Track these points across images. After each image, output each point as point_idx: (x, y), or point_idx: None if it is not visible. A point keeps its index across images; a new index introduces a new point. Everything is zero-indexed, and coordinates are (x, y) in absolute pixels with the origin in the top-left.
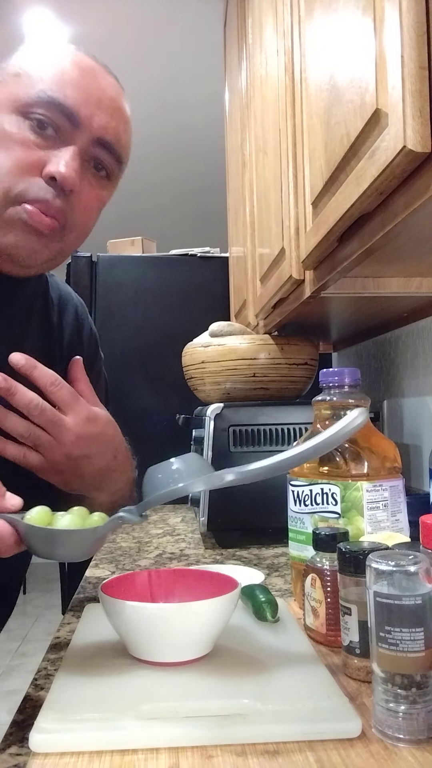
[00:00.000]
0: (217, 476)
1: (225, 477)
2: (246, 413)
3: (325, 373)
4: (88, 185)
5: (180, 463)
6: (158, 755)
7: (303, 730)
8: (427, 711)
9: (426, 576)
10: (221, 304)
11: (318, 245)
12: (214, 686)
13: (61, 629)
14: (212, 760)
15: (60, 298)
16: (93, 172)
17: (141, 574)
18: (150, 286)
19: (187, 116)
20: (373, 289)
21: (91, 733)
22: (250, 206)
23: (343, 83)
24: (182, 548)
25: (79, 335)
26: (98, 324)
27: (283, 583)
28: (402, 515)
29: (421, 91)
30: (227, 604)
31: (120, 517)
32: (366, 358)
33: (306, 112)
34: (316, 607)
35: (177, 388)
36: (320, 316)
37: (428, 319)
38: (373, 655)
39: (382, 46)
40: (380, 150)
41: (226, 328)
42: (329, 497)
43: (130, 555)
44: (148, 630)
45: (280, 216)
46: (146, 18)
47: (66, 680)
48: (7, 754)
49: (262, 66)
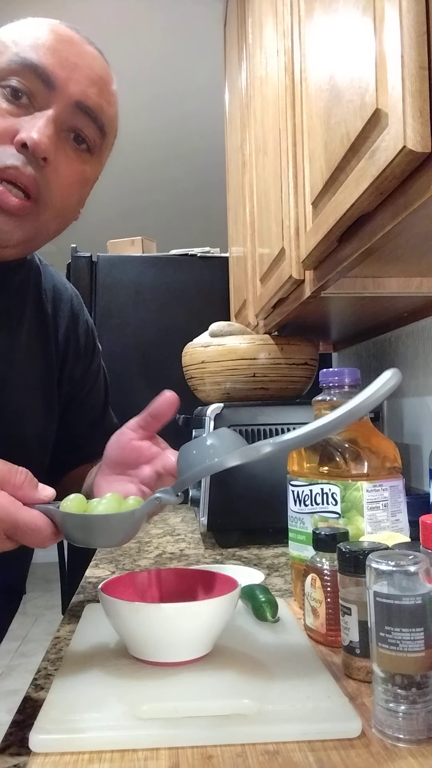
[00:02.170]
0: (254, 448)
1: (262, 449)
2: (246, 413)
3: (325, 373)
4: (65, 158)
5: (214, 439)
6: (158, 755)
7: (303, 730)
8: (427, 711)
9: (426, 576)
10: (221, 304)
11: (318, 245)
12: (214, 686)
13: (61, 629)
14: (212, 760)
15: (54, 288)
16: (72, 145)
17: (141, 574)
18: (150, 286)
19: (187, 116)
20: (373, 289)
21: (91, 733)
22: (250, 206)
23: (343, 83)
24: (182, 548)
25: (75, 327)
26: (98, 324)
27: (283, 583)
28: (402, 515)
29: (421, 91)
30: (227, 604)
31: (157, 498)
32: (366, 358)
33: (306, 112)
34: (316, 607)
35: (177, 388)
36: (320, 316)
37: (428, 319)
38: (373, 655)
39: (382, 46)
40: (380, 150)
41: (226, 328)
42: (329, 497)
43: (130, 555)
44: (148, 630)
45: (280, 216)
46: (146, 17)
47: (66, 680)
48: (7, 754)
49: (262, 66)
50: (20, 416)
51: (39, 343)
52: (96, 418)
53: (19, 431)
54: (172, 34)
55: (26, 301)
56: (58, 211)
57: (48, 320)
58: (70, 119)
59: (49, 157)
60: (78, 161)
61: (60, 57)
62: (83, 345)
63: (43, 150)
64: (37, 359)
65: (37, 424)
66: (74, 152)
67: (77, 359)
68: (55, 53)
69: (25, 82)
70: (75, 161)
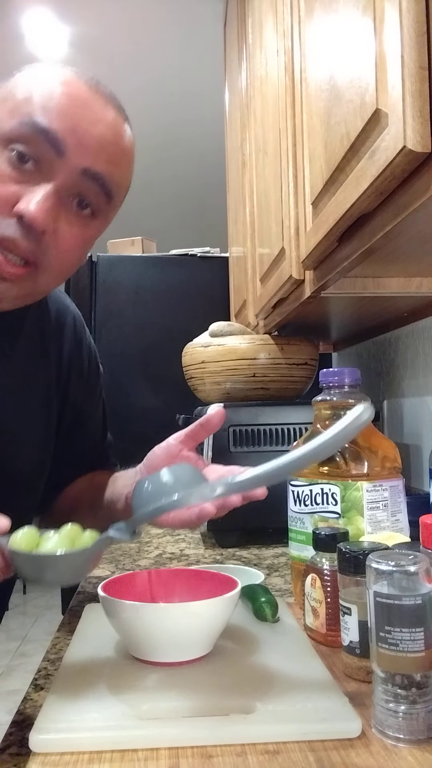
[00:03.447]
0: (209, 488)
1: (216, 489)
2: (246, 413)
3: (325, 373)
4: (66, 224)
5: (170, 475)
6: (158, 755)
7: (303, 730)
8: (427, 711)
9: (426, 576)
10: (221, 304)
11: (318, 245)
12: (214, 686)
13: (61, 629)
14: (212, 760)
15: (57, 312)
16: (75, 210)
17: (141, 574)
18: (150, 286)
19: (187, 116)
20: (373, 289)
21: (91, 733)
22: (250, 206)
23: (343, 83)
24: (182, 548)
25: (79, 350)
26: (98, 324)
27: (283, 583)
28: (402, 515)
29: (421, 91)
30: (227, 604)
31: (109, 537)
32: (366, 358)
33: (306, 112)
34: (316, 607)
35: (177, 388)
36: (320, 316)
37: (428, 319)
38: (373, 655)
39: (382, 46)
40: (380, 150)
41: (226, 328)
42: (329, 497)
43: (130, 555)
44: (148, 630)
45: (280, 216)
46: (146, 17)
47: (66, 680)
48: (7, 754)
49: (262, 66)
50: (15, 443)
51: (37, 370)
52: (98, 439)
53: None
54: (172, 34)
55: (23, 329)
56: (57, 274)
57: (49, 346)
58: (75, 186)
59: (47, 230)
60: (80, 226)
61: (72, 122)
62: (86, 368)
63: (40, 224)
64: (36, 386)
65: (33, 451)
66: (76, 217)
67: (80, 383)
68: (67, 118)
69: (32, 148)
70: (76, 226)
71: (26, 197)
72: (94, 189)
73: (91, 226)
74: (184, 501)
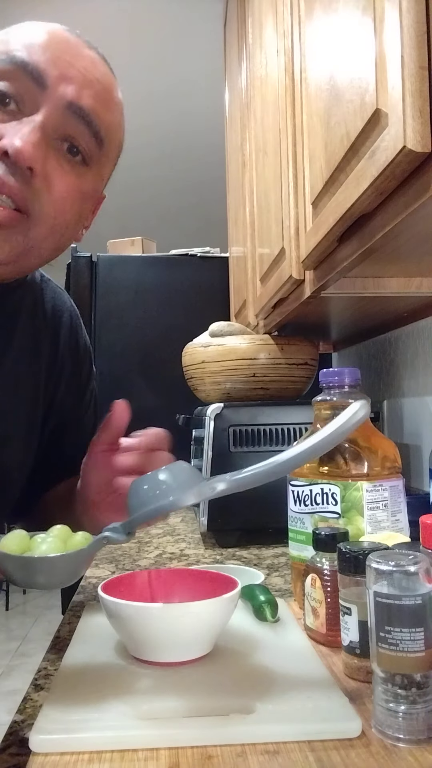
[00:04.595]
0: (208, 486)
1: (217, 486)
2: (246, 413)
3: (325, 373)
4: (58, 169)
5: (167, 474)
6: (158, 755)
7: (303, 730)
8: (427, 711)
9: (426, 576)
10: (221, 304)
11: (318, 245)
12: (214, 686)
13: (61, 629)
14: (212, 760)
15: (53, 309)
16: (66, 156)
17: (141, 574)
18: (150, 286)
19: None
20: (373, 289)
21: (91, 733)
22: (250, 206)
23: (343, 83)
24: (182, 548)
25: (74, 350)
26: (98, 324)
27: (283, 583)
28: (402, 515)
29: (421, 91)
30: (227, 604)
31: (105, 538)
32: (366, 358)
33: (306, 112)
34: (316, 607)
35: (177, 388)
36: (320, 316)
37: (428, 319)
38: (373, 655)
39: (382, 46)
40: (380, 150)
41: (226, 328)
42: (329, 497)
43: (130, 555)
44: (147, 630)
45: (280, 216)
46: (146, 17)
47: (66, 680)
48: (7, 754)
49: (262, 66)
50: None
51: (28, 369)
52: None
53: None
54: (172, 33)
55: (16, 326)
56: (51, 227)
57: (42, 346)
58: (61, 124)
59: (35, 167)
60: (72, 173)
61: (53, 55)
62: (79, 370)
63: (27, 158)
64: (25, 385)
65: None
66: (68, 164)
67: (71, 385)
68: (48, 50)
69: (14, 85)
70: (69, 173)
71: (10, 133)
72: (81, 129)
73: (85, 177)
74: (184, 501)
